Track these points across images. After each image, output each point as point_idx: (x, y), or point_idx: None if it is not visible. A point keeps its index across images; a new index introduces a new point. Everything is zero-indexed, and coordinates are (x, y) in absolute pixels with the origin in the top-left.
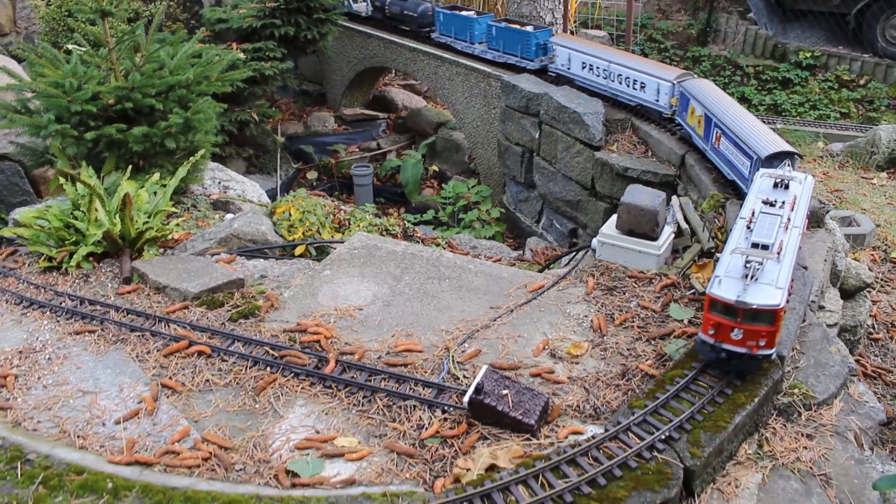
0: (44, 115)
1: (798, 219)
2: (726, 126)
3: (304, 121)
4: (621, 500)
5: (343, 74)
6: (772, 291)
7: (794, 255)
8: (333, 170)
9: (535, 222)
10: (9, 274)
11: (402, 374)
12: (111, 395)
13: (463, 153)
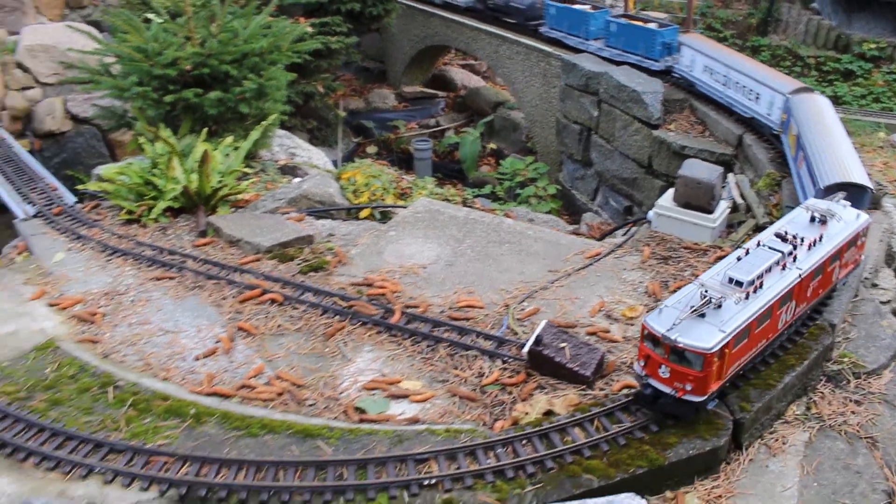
0: (127, 79)
1: (809, 260)
2: (807, 151)
3: (365, 97)
4: (671, 445)
5: (404, 52)
6: (710, 333)
7: (777, 297)
8: (392, 145)
9: (591, 199)
10: (93, 224)
11: (463, 326)
12: (190, 335)
13: (520, 132)
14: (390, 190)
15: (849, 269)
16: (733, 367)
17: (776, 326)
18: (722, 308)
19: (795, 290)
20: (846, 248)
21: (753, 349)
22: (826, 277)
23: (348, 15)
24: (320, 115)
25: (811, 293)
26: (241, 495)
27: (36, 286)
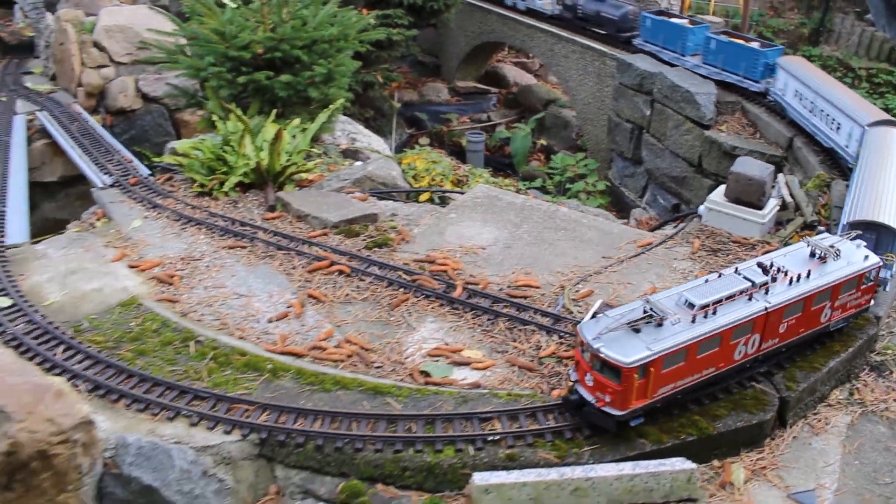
0: (203, 59)
1: (782, 296)
2: (852, 184)
3: (419, 89)
4: (720, 417)
5: (459, 48)
6: (635, 349)
7: (730, 327)
8: (444, 137)
9: (639, 197)
10: (168, 195)
11: (522, 303)
12: (262, 300)
13: (571, 129)
14: (449, 176)
15: (848, 313)
16: (665, 388)
17: (730, 356)
18: (662, 327)
19: (758, 323)
20: (841, 289)
21: (696, 374)
22: (810, 317)
23: (409, 8)
24: (376, 105)
25: (786, 330)
26: (317, 442)
27: (116, 249)
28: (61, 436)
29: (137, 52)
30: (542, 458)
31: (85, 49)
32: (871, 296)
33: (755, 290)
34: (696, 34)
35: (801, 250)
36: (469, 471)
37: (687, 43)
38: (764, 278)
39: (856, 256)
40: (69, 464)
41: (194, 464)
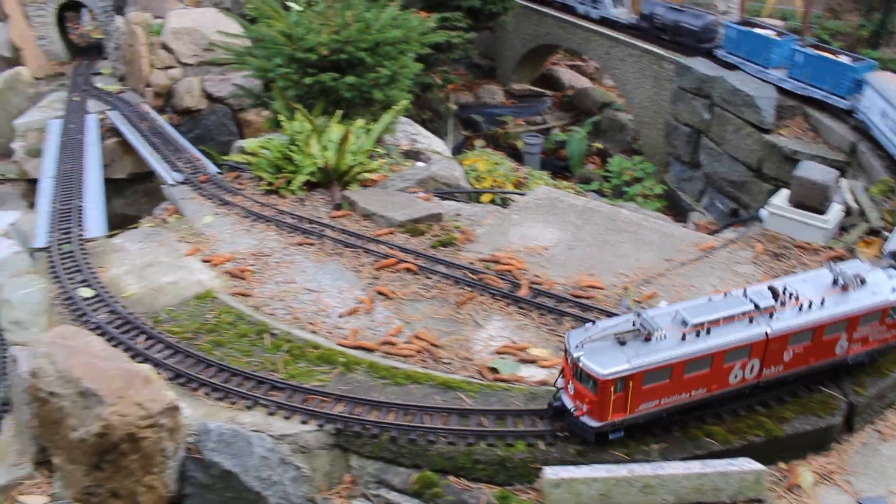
0: (271, 60)
1: (787, 322)
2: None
3: (475, 92)
4: (787, 420)
5: (515, 51)
6: (615, 361)
7: (723, 349)
8: (500, 139)
9: (696, 201)
10: (237, 192)
11: (586, 303)
12: (332, 295)
13: (626, 133)
14: (510, 178)
15: (871, 347)
16: (647, 405)
17: (724, 379)
18: (649, 342)
19: (757, 348)
20: (860, 320)
21: (683, 394)
22: (821, 347)
23: (468, 11)
24: (433, 106)
25: (792, 359)
26: (391, 433)
27: (189, 244)
28: (149, 420)
29: (203, 54)
30: (612, 455)
31: (153, 51)
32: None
33: (757, 314)
34: (782, 46)
35: (824, 276)
36: (539, 465)
37: (771, 55)
38: (770, 302)
39: (884, 287)
40: (155, 447)
41: (272, 451)
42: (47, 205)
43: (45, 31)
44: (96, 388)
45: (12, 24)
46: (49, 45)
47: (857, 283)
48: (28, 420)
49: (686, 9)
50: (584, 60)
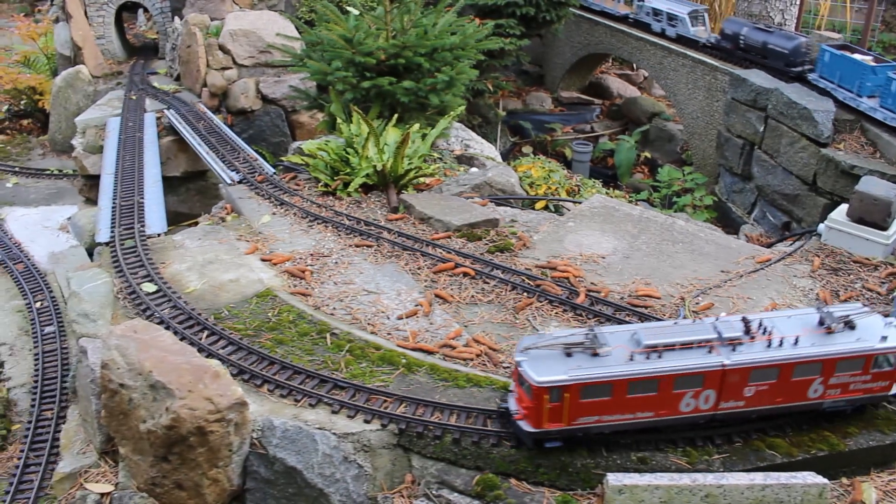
0: (330, 63)
1: (749, 356)
2: None
3: (523, 98)
4: (852, 435)
5: (565, 58)
6: (554, 370)
7: (671, 374)
8: (548, 147)
9: (747, 213)
10: (294, 193)
11: (643, 313)
12: (391, 297)
13: (675, 143)
14: (564, 185)
15: (852, 396)
16: (587, 419)
17: (674, 406)
18: (596, 357)
19: (712, 379)
20: (837, 366)
21: (627, 415)
22: (790, 388)
23: (521, 18)
24: (482, 112)
25: (755, 395)
26: (454, 435)
27: (249, 243)
28: (217, 414)
29: (259, 55)
30: (673, 463)
31: (211, 52)
32: (889, 382)
33: (719, 344)
34: (878, 74)
35: (812, 315)
36: (601, 471)
37: (865, 83)
38: (737, 334)
39: (873, 334)
40: (222, 441)
41: (336, 449)
42: (109, 200)
43: (104, 30)
44: (167, 382)
45: (74, 23)
46: (107, 44)
47: (844, 326)
48: (94, 410)
49: (775, 29)
50: (633, 69)
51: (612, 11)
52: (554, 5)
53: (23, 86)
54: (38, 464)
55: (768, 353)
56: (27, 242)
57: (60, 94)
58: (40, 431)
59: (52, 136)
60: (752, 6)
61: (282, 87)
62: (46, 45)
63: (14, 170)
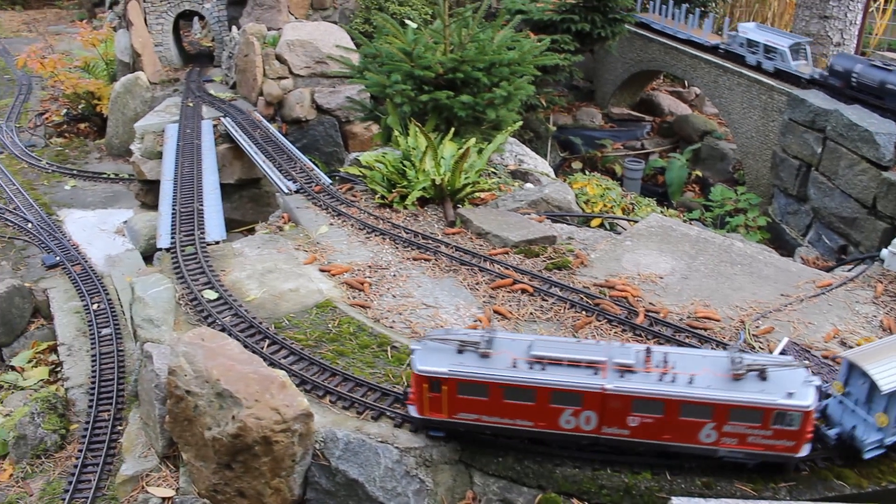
0: (390, 76)
1: (632, 385)
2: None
3: (573, 114)
4: None
5: (616, 74)
6: (437, 362)
7: (547, 387)
8: (598, 163)
9: (802, 235)
10: (351, 204)
11: (703, 335)
12: (450, 311)
13: (727, 162)
14: (620, 203)
15: (752, 449)
16: (466, 415)
17: (553, 421)
18: (485, 358)
19: (591, 400)
20: (730, 413)
21: (505, 419)
22: (679, 427)
23: (577, 34)
24: (533, 126)
25: (639, 426)
26: (517, 453)
27: (307, 253)
28: (283, 425)
29: (315, 66)
30: (739, 489)
31: (268, 61)
32: (796, 443)
33: (609, 367)
34: None
35: (720, 360)
36: (665, 494)
37: None
38: (629, 361)
39: (781, 389)
40: (286, 451)
41: (398, 463)
42: (169, 207)
43: (163, 38)
44: (234, 391)
45: (135, 31)
46: (165, 51)
47: (752, 373)
48: (157, 415)
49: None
50: (684, 87)
51: (700, 41)
52: (609, 22)
53: (82, 90)
54: (95, 464)
55: (654, 386)
56: (84, 244)
57: (119, 100)
58: (97, 432)
59: (109, 141)
60: (809, 25)
61: (336, 97)
62: (106, 51)
63: (72, 173)
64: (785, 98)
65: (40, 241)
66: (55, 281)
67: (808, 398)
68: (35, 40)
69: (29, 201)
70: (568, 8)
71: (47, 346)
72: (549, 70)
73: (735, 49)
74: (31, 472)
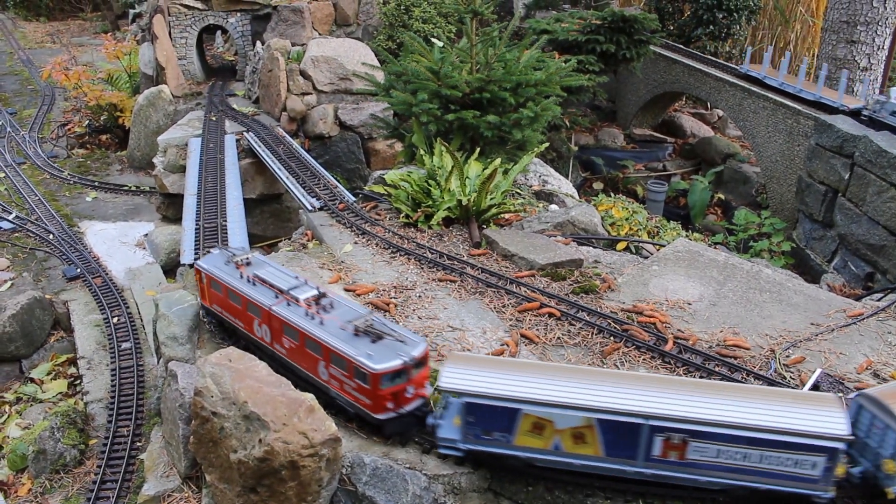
0: (416, 94)
1: (279, 307)
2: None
3: (595, 134)
4: None
5: (639, 95)
6: (211, 264)
7: (239, 290)
8: (619, 183)
9: (827, 261)
10: (375, 223)
11: (733, 363)
12: (476, 335)
13: (750, 185)
14: (646, 227)
15: (345, 396)
16: (215, 306)
17: (250, 326)
18: (236, 268)
19: (265, 316)
20: (331, 357)
21: (228, 314)
22: (308, 357)
23: (601, 55)
24: (555, 147)
25: (290, 349)
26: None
27: (332, 271)
28: (311, 449)
29: (339, 82)
30: None
31: (292, 77)
32: (372, 402)
33: (285, 295)
34: None
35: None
36: None
37: None
38: (299, 295)
39: (383, 352)
40: (313, 476)
41: (426, 490)
42: (192, 222)
43: (187, 51)
44: (262, 413)
45: (159, 44)
46: (188, 65)
47: (371, 335)
48: (181, 434)
49: None
50: (707, 108)
51: (834, 104)
52: (635, 43)
53: (105, 102)
54: (114, 481)
55: (295, 317)
56: (105, 257)
57: (142, 112)
58: (116, 448)
59: (130, 153)
60: (836, 50)
61: (360, 114)
62: (129, 63)
63: (94, 184)
64: (812, 122)
65: (61, 252)
66: (76, 293)
67: (382, 364)
68: (58, 52)
69: (50, 212)
70: (593, 29)
71: (67, 359)
72: (573, 90)
73: (884, 118)
74: (49, 487)
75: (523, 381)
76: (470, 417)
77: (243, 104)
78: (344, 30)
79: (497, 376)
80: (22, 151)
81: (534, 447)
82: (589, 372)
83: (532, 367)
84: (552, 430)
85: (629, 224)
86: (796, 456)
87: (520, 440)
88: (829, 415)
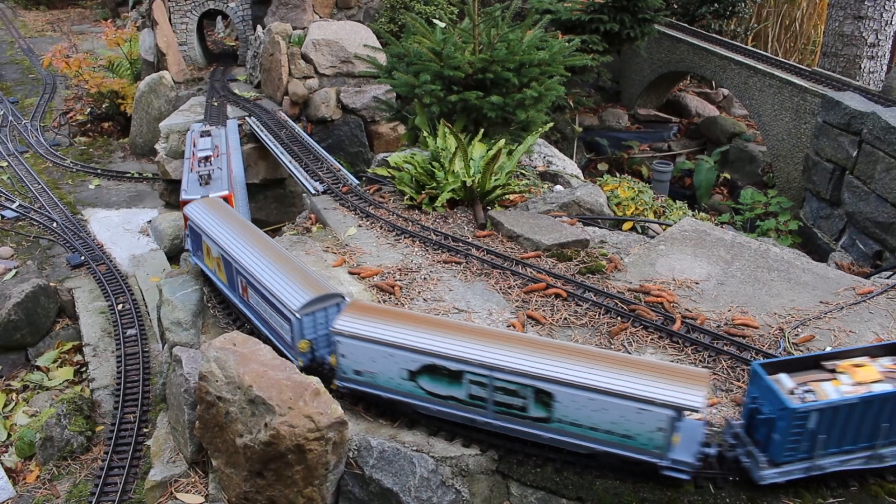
0: (420, 76)
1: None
2: None
3: (599, 114)
4: None
5: (643, 75)
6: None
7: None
8: (624, 164)
9: (834, 240)
10: (379, 206)
11: (741, 342)
12: (482, 316)
13: (756, 164)
14: (652, 206)
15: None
16: None
17: None
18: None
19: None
20: None
21: None
22: None
23: (606, 34)
24: (560, 128)
25: None
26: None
27: (336, 255)
28: (317, 433)
29: (341, 65)
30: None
31: (293, 60)
32: None
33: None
34: None
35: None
36: None
37: None
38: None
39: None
40: (319, 460)
41: (434, 473)
42: None
43: (187, 37)
44: (267, 397)
45: (160, 30)
46: (189, 50)
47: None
48: (186, 420)
49: None
50: (712, 88)
51: None
52: (639, 22)
53: (106, 90)
54: (121, 467)
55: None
56: (109, 244)
57: (143, 99)
58: (123, 434)
59: (132, 140)
60: (843, 26)
61: (362, 97)
62: (130, 50)
63: (97, 172)
64: (819, 100)
65: (65, 240)
66: (80, 281)
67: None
68: (59, 40)
69: (54, 200)
70: (597, 8)
71: (72, 346)
72: (577, 71)
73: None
74: (57, 473)
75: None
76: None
77: (245, 89)
78: (345, 12)
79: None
80: (24, 140)
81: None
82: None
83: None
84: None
85: (635, 204)
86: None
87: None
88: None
